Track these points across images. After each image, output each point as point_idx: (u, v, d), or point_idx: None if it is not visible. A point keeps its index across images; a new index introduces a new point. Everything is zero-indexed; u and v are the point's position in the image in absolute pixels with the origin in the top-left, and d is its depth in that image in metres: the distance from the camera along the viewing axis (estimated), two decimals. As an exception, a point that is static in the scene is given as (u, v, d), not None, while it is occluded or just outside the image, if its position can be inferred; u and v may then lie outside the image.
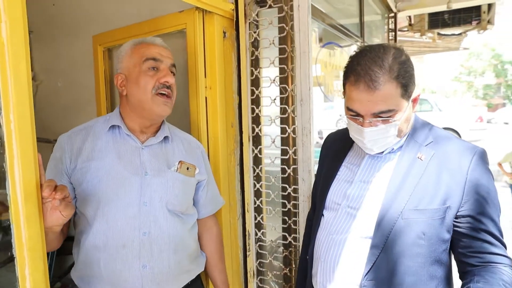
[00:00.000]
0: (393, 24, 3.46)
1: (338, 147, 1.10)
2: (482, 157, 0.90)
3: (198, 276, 1.26)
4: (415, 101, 0.93)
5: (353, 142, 1.03)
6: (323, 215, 1.05)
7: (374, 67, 0.85)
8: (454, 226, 0.90)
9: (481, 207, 0.87)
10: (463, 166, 0.89)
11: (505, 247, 0.89)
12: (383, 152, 0.97)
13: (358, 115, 0.90)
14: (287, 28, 1.48)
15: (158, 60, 1.12)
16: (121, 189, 1.06)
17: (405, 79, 0.86)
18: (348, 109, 0.92)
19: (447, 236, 0.90)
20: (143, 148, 1.13)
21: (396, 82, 0.85)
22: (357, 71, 0.87)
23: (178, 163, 1.16)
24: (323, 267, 0.98)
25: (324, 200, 1.05)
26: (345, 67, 0.92)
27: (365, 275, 0.90)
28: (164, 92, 1.12)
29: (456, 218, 0.89)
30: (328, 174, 1.08)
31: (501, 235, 0.89)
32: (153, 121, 1.16)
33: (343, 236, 0.96)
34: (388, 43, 0.95)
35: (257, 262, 1.67)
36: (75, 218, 1.13)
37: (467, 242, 0.89)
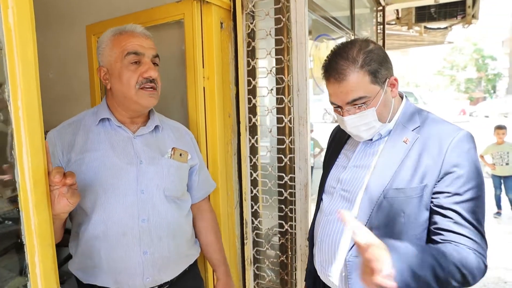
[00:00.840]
0: (381, 17, 3.50)
1: (340, 137, 1.16)
2: (464, 138, 0.90)
3: (195, 262, 1.28)
4: (393, 85, 0.98)
5: None
6: (322, 199, 1.11)
7: (340, 60, 0.93)
8: (430, 203, 0.91)
9: (453, 186, 0.87)
10: (443, 146, 0.90)
11: (480, 233, 0.86)
12: (372, 138, 1.02)
13: (338, 106, 0.97)
14: (283, 19, 1.49)
15: (140, 53, 1.09)
16: (118, 179, 1.07)
17: (371, 67, 0.92)
18: (331, 103, 1.00)
19: (426, 214, 0.91)
20: (135, 138, 1.14)
21: (363, 71, 0.91)
22: (328, 67, 0.96)
23: (171, 150, 1.17)
24: (320, 246, 1.04)
25: (324, 185, 1.11)
26: (322, 66, 0.99)
27: (349, 251, 0.95)
28: (148, 86, 1.09)
29: (432, 196, 0.90)
30: (329, 162, 1.14)
31: (475, 218, 0.86)
32: (140, 112, 1.16)
33: (335, 216, 1.02)
34: (358, 38, 1.01)
35: (254, 250, 1.70)
36: (71, 212, 1.13)
37: (434, 218, 0.90)
